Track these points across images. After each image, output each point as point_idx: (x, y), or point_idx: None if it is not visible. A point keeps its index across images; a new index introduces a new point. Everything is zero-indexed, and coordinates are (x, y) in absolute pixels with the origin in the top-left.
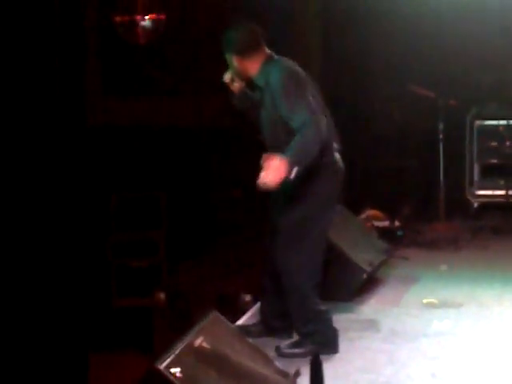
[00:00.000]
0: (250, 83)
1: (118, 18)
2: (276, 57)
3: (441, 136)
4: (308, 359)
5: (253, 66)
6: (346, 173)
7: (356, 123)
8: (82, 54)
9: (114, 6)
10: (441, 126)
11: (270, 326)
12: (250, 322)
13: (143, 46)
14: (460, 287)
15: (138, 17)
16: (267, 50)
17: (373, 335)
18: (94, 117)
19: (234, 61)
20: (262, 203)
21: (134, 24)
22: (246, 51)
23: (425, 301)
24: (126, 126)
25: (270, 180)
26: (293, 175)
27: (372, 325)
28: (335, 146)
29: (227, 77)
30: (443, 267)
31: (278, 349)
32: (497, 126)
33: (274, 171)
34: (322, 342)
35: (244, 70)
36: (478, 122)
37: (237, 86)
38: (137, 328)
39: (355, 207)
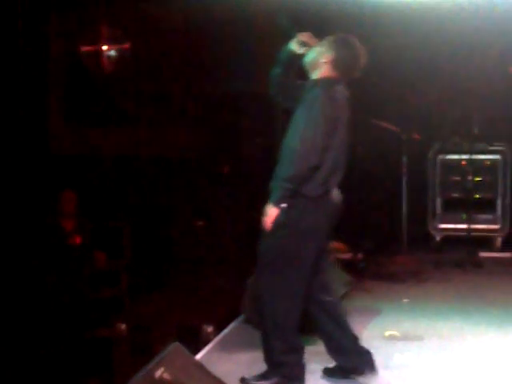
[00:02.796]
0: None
1: (83, 48)
2: (338, 84)
3: (404, 170)
4: None
5: (323, 73)
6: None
7: None
8: (44, 84)
9: (80, 36)
10: (404, 160)
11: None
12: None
13: (108, 75)
14: (421, 320)
15: (103, 47)
16: (341, 75)
17: None
18: (57, 146)
19: (324, 56)
20: (223, 234)
21: (99, 54)
22: (338, 63)
23: (387, 333)
24: (89, 156)
25: (265, 225)
26: (283, 206)
27: None
28: (334, 181)
29: (306, 38)
30: (405, 300)
31: (243, 380)
32: (459, 161)
33: (266, 217)
34: (288, 376)
35: (314, 66)
36: (440, 157)
37: (302, 50)
38: (97, 359)
39: None
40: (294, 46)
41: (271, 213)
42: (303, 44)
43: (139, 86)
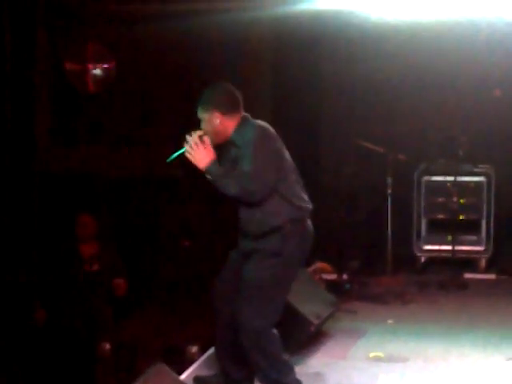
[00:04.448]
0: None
1: (68, 66)
2: (251, 119)
3: (389, 191)
4: None
5: (232, 125)
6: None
7: (305, 176)
8: (31, 102)
9: (66, 54)
10: (389, 181)
11: (229, 376)
12: (208, 373)
13: (94, 94)
14: (406, 341)
15: (89, 65)
16: (243, 112)
17: None
18: (43, 165)
19: (215, 118)
20: (210, 254)
21: (85, 72)
22: (229, 109)
23: (371, 354)
24: (74, 175)
25: (192, 155)
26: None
27: (318, 378)
28: (304, 207)
29: (195, 137)
30: (390, 321)
31: None
32: (444, 182)
33: (199, 154)
34: None
35: (224, 128)
36: (425, 178)
37: (205, 137)
38: (80, 379)
39: None
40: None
41: (201, 164)
42: (201, 139)
43: (125, 105)
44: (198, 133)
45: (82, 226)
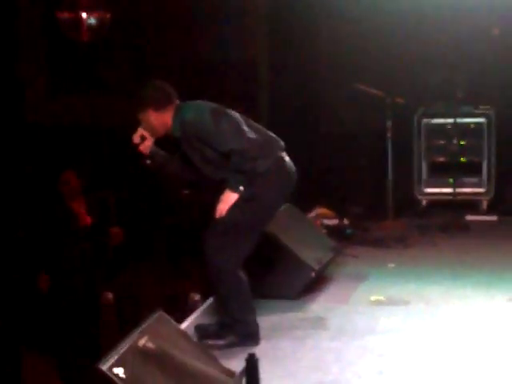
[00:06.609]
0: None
1: (62, 15)
2: (181, 104)
3: (389, 134)
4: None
5: (169, 118)
6: (297, 171)
7: (305, 122)
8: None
9: (59, 3)
10: (389, 125)
11: (228, 327)
12: (209, 322)
13: (89, 43)
14: (407, 285)
15: (83, 14)
16: (178, 101)
17: (321, 333)
18: (41, 115)
19: (151, 116)
20: (211, 204)
21: (79, 21)
22: (160, 103)
23: (373, 298)
24: (73, 125)
25: (224, 210)
26: (241, 189)
27: (320, 323)
28: (278, 149)
29: (136, 136)
30: (391, 265)
31: (199, 331)
32: (444, 125)
33: (224, 203)
34: (244, 334)
35: (160, 123)
36: (425, 121)
37: (147, 144)
38: (84, 328)
39: (304, 205)
40: (142, 147)
41: (231, 198)
42: (142, 137)
43: (120, 55)
44: (138, 132)
45: (67, 182)
